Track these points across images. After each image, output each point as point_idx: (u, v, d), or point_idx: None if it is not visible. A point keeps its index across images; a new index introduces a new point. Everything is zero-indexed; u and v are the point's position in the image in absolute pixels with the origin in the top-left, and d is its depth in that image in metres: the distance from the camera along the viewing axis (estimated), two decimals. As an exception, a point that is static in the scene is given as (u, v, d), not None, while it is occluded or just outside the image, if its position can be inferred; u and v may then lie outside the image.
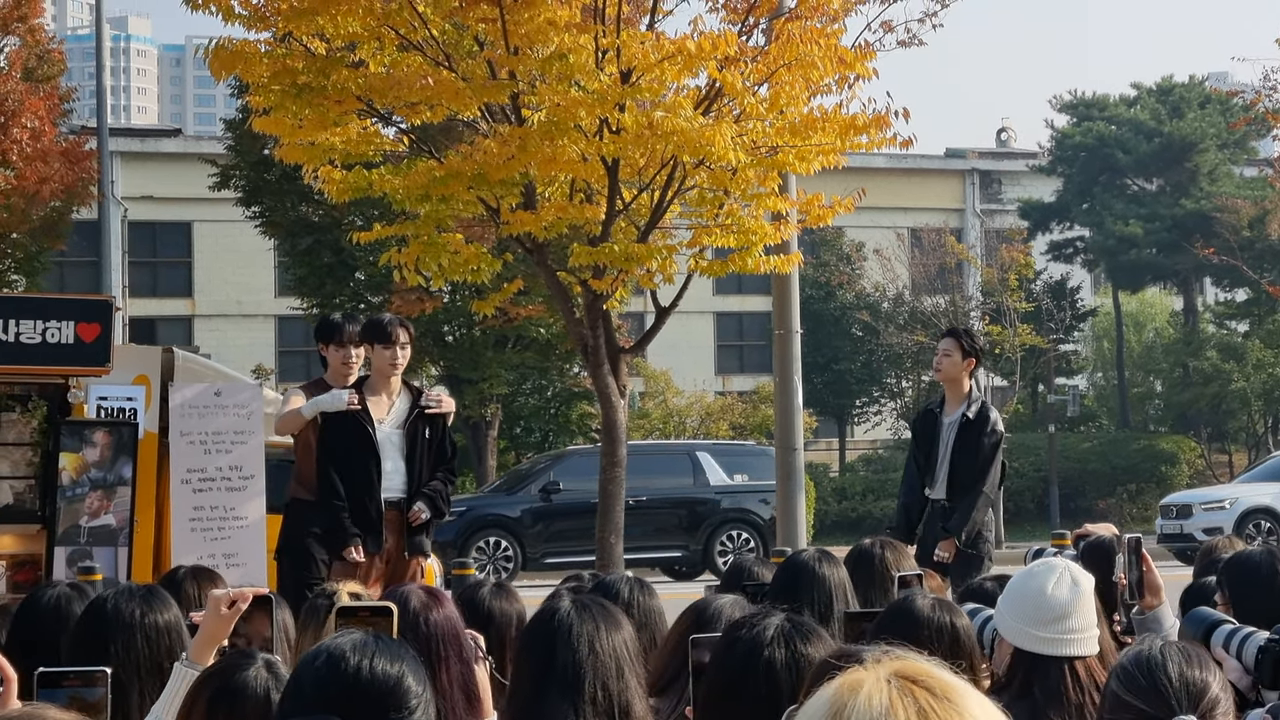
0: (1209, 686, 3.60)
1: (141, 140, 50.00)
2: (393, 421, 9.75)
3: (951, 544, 10.44)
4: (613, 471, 15.01)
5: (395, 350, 9.71)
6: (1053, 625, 4.51)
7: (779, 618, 3.82)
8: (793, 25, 14.17)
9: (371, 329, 9.90)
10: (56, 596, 5.23)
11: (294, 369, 47.95)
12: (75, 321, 10.99)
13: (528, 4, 13.63)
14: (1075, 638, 4.54)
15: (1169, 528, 30.12)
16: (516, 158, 13.78)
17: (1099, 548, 5.93)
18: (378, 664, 3.14)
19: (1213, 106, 46.87)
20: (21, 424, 11.26)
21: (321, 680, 3.13)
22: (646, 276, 14.80)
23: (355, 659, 3.13)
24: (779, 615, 3.85)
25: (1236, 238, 41.94)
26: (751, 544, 26.69)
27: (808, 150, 14.15)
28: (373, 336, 9.81)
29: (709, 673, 3.84)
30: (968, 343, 10.76)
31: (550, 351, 32.74)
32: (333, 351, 9.90)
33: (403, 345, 9.75)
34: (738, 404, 41.15)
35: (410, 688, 3.14)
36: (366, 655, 3.14)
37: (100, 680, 3.51)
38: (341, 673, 3.12)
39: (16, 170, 27.53)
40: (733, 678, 3.74)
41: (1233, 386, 44.28)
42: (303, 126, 14.23)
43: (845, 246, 46.75)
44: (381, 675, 3.13)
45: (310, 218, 31.17)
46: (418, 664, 3.21)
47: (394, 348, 9.70)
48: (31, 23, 29.59)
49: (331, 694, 3.10)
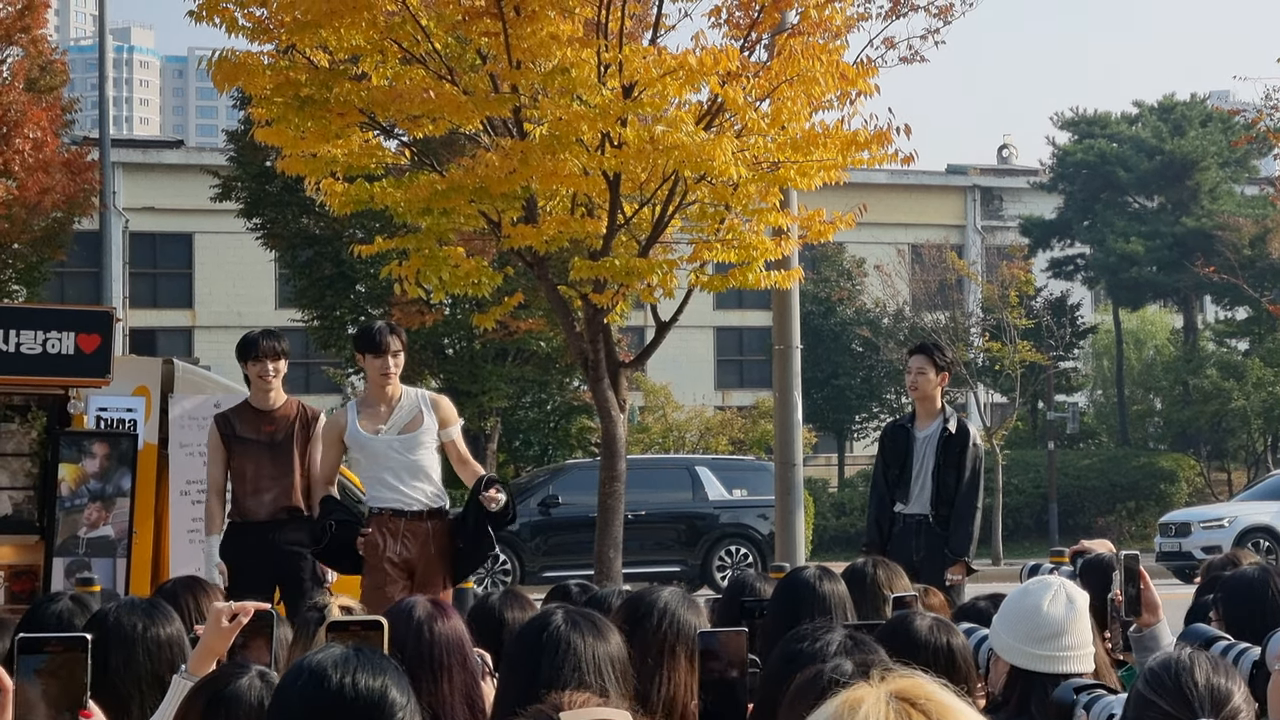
0: (1233, 695, 3.58)
1: (143, 151, 50.04)
2: (393, 429, 9.52)
3: (962, 567, 10.45)
4: (612, 486, 15.00)
5: (387, 359, 9.50)
6: (1048, 643, 4.51)
7: (841, 633, 3.83)
8: (795, 41, 14.19)
9: (361, 338, 9.71)
10: (60, 611, 5.23)
11: (294, 381, 47.96)
12: (76, 332, 10.99)
13: (530, 18, 13.65)
14: (1071, 655, 4.54)
15: (1168, 546, 30.11)
16: (518, 171, 13.79)
17: (1097, 565, 5.93)
18: (360, 679, 3.13)
19: (1214, 125, 46.92)
20: (21, 435, 11.25)
21: (306, 699, 3.11)
22: (647, 291, 14.80)
23: (338, 676, 3.12)
24: (840, 630, 3.86)
25: (1237, 256, 41.96)
26: (750, 559, 26.69)
27: (809, 166, 14.15)
28: (363, 346, 9.64)
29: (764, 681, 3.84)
30: (940, 358, 10.78)
31: (550, 365, 32.74)
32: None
33: (394, 353, 9.53)
34: (737, 419, 41.15)
35: (395, 699, 3.14)
36: (349, 671, 3.13)
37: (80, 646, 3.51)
38: (325, 691, 3.11)
39: (18, 180, 27.52)
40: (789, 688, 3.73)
41: (1232, 405, 44.27)
42: (305, 139, 14.24)
43: (846, 262, 46.78)
44: (365, 691, 3.12)
45: (311, 230, 31.18)
46: (400, 674, 3.20)
47: (385, 357, 9.50)
48: (34, 33, 29.59)
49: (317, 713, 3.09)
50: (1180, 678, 3.58)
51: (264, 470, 9.88)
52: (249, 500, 9.89)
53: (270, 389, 9.92)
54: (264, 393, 9.94)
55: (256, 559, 9.72)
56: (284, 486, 9.87)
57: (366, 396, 9.73)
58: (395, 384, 9.57)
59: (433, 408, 9.65)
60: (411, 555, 9.42)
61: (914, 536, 10.47)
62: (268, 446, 9.89)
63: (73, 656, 3.49)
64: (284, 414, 9.98)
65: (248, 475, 9.90)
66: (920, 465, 10.54)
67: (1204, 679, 3.58)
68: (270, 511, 9.85)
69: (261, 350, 9.86)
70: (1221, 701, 3.56)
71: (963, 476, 10.50)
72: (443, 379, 32.14)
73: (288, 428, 9.93)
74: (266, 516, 9.84)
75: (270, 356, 9.87)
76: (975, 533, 10.59)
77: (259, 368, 9.88)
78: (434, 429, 9.58)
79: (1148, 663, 3.75)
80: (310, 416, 10.01)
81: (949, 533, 10.47)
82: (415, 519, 9.45)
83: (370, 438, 9.48)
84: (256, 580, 9.36)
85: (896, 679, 2.31)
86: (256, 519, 9.83)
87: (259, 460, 9.88)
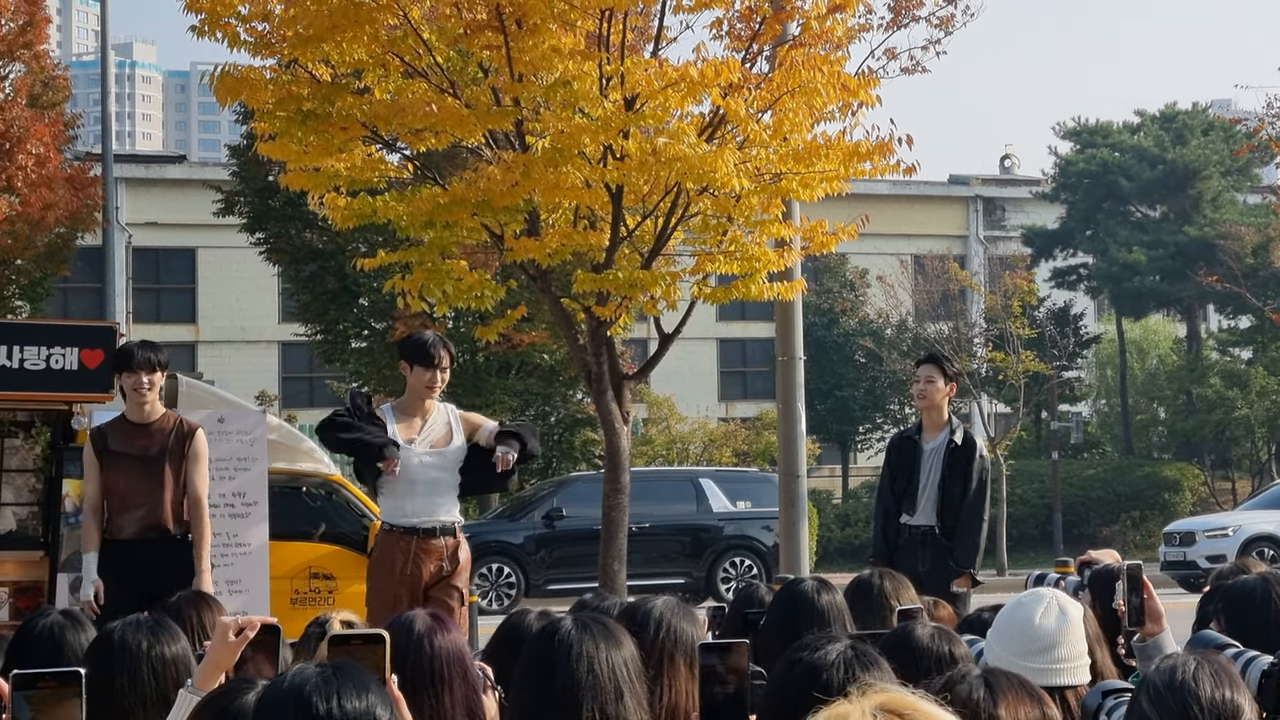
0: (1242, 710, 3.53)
1: (146, 166, 50.08)
2: (424, 441, 9.41)
3: (967, 578, 10.45)
4: (616, 498, 14.99)
5: (435, 373, 9.37)
6: (1041, 655, 4.49)
7: (843, 643, 3.83)
8: (796, 52, 14.20)
9: (413, 349, 9.49)
10: (50, 626, 5.20)
11: (297, 395, 47.99)
12: (79, 348, 11.00)
13: (532, 31, 13.66)
14: (1064, 667, 4.53)
15: (1172, 555, 30.06)
16: (520, 184, 13.80)
17: (1105, 575, 5.92)
18: (346, 703, 3.10)
19: (1216, 133, 46.90)
20: (25, 450, 11.26)
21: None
22: (650, 303, 14.80)
23: (324, 705, 3.09)
24: (842, 641, 3.86)
25: (1240, 265, 41.95)
26: (755, 571, 26.67)
27: (811, 177, 14.16)
28: (413, 357, 9.43)
29: (767, 692, 3.84)
30: (949, 367, 10.78)
31: (554, 378, 32.75)
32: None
33: (443, 368, 9.41)
34: (741, 430, 41.12)
35: (379, 717, 3.13)
36: (332, 694, 3.11)
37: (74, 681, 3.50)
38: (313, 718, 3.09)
39: (21, 196, 27.53)
40: (790, 699, 3.73)
41: (1236, 413, 44.25)
42: (307, 153, 14.25)
43: (848, 273, 46.78)
44: (352, 713, 3.10)
45: (314, 244, 31.22)
46: (381, 689, 3.19)
47: (434, 370, 9.36)
48: (37, 49, 29.62)
49: None
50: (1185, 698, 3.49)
51: (134, 485, 9.47)
52: (118, 517, 9.46)
53: (145, 402, 9.51)
54: (139, 406, 9.52)
55: (123, 578, 9.33)
56: (154, 503, 9.47)
57: (403, 404, 9.55)
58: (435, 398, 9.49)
59: (460, 422, 9.59)
60: (422, 574, 9.32)
61: (920, 548, 10.47)
62: (140, 461, 9.48)
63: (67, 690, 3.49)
64: (160, 428, 9.58)
65: (119, 491, 9.47)
66: (927, 477, 10.53)
67: (1208, 694, 3.52)
68: (137, 529, 9.44)
69: (137, 362, 9.47)
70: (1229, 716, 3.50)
71: (969, 488, 10.50)
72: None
73: (163, 441, 9.54)
74: (133, 534, 9.43)
75: (146, 368, 9.48)
76: (981, 545, 10.59)
77: (134, 379, 9.47)
78: (462, 447, 9.50)
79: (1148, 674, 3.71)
80: (187, 431, 9.63)
81: (954, 544, 10.47)
82: (428, 535, 9.34)
83: (404, 446, 9.33)
84: (122, 600, 8.99)
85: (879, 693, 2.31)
86: (122, 537, 9.43)
87: (130, 475, 9.47)
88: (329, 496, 16.07)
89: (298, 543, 15.34)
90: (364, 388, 32.97)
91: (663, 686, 4.53)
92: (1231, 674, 3.60)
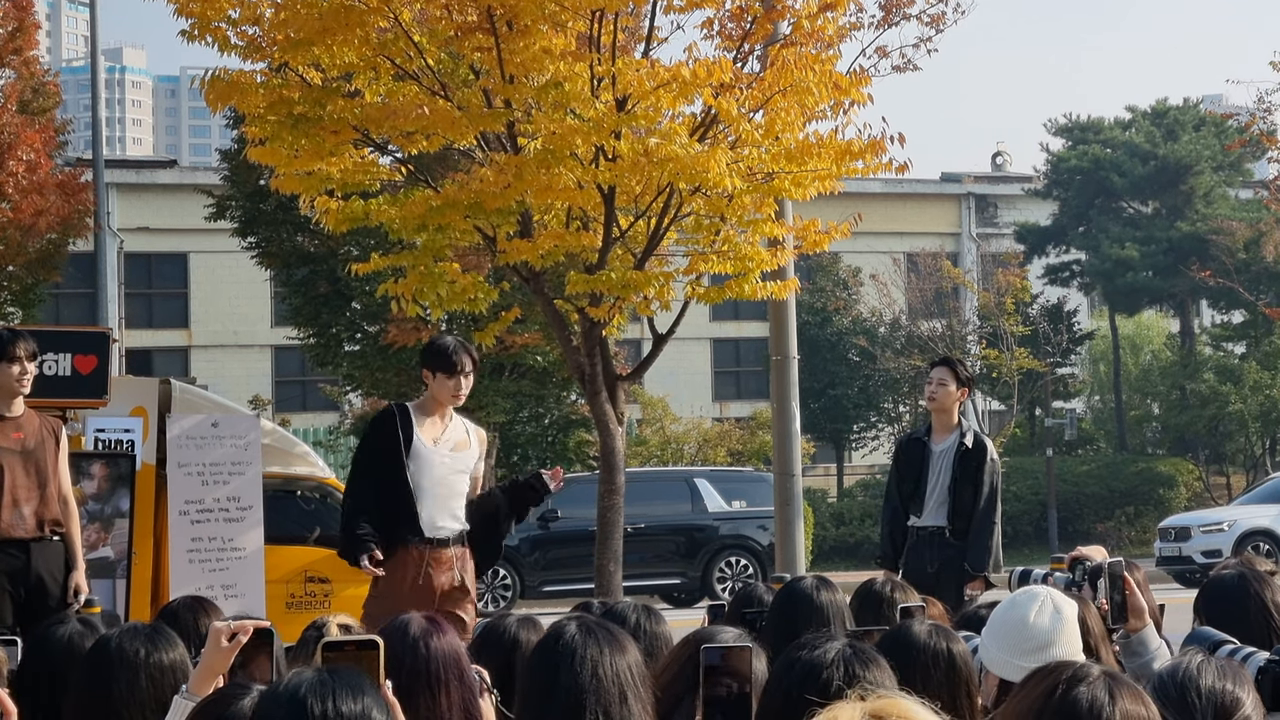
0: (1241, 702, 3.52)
1: (137, 172, 50.04)
2: (446, 444, 9.19)
3: (981, 583, 10.44)
4: (611, 499, 14.99)
5: (459, 380, 9.13)
6: (1036, 654, 4.45)
7: (841, 642, 3.82)
8: (787, 52, 14.20)
9: (436, 356, 9.19)
10: (70, 634, 5.21)
11: (290, 399, 47.95)
12: (72, 354, 10.99)
13: (523, 33, 13.66)
14: None
15: (1167, 550, 30.10)
16: (513, 186, 13.79)
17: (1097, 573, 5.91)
18: (342, 705, 3.10)
19: (1207, 129, 46.94)
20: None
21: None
22: (643, 303, 14.80)
23: (319, 708, 3.09)
24: (841, 640, 3.85)
25: (1232, 260, 42.01)
26: (750, 570, 26.67)
27: (803, 176, 14.16)
28: (436, 364, 9.15)
29: (766, 690, 3.83)
30: (962, 371, 10.75)
31: (547, 379, 32.70)
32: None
33: (467, 374, 9.18)
34: (735, 430, 41.13)
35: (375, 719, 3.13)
36: (328, 697, 3.11)
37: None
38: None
39: (12, 203, 27.52)
40: (789, 697, 3.72)
41: (1230, 409, 44.28)
42: (299, 157, 14.23)
43: (841, 272, 46.78)
44: (348, 715, 3.10)
45: (306, 248, 31.15)
46: (376, 692, 3.19)
47: (458, 377, 9.12)
48: (26, 55, 29.58)
49: None
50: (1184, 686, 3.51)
51: (18, 480, 9.02)
52: (9, 513, 8.99)
53: (24, 392, 9.08)
54: (13, 397, 9.08)
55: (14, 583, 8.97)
56: (43, 497, 9.06)
57: (424, 405, 9.29)
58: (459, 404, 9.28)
59: (475, 436, 9.43)
60: (434, 587, 9.05)
61: (928, 549, 10.43)
62: (19, 454, 9.05)
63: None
64: (29, 420, 9.16)
65: (4, 486, 8.99)
66: (936, 479, 10.48)
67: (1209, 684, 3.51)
68: (32, 525, 9.04)
69: (22, 352, 9.03)
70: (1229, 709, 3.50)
71: (980, 492, 10.47)
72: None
73: (36, 433, 9.13)
74: (29, 532, 9.03)
75: (30, 359, 9.08)
76: (993, 548, 10.57)
77: (19, 369, 9.02)
78: (478, 456, 9.39)
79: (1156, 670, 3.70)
80: (54, 426, 9.28)
81: (968, 548, 10.44)
82: (440, 545, 9.09)
83: (430, 448, 9.14)
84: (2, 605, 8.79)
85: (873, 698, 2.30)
86: (18, 535, 9.01)
87: (13, 469, 9.01)
88: (323, 500, 16.07)
89: (293, 547, 15.35)
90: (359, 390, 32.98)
91: None
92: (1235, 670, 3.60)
